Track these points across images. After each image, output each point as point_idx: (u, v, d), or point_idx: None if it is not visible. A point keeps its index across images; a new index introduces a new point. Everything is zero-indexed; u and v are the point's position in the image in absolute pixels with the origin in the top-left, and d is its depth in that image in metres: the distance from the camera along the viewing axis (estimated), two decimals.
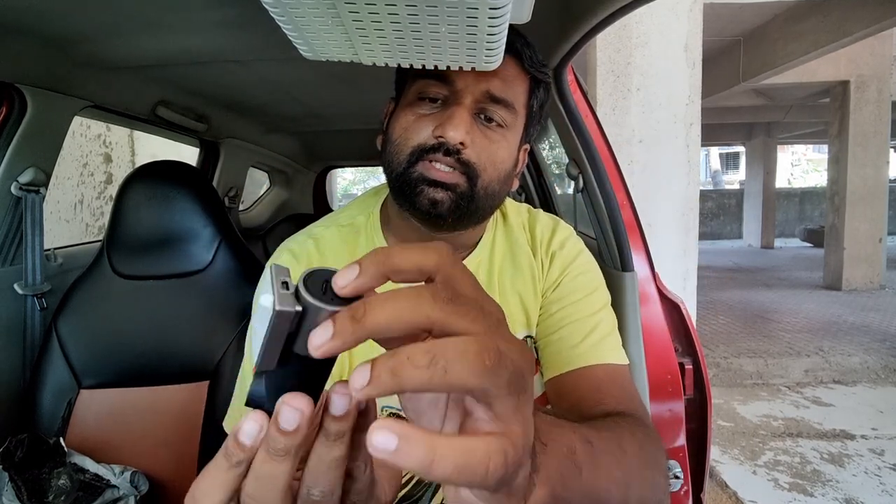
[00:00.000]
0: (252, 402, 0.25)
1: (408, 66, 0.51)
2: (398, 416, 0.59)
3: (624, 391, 0.59)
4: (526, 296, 0.66)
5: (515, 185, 0.66)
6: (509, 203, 0.73)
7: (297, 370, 0.24)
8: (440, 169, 0.55)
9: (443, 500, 0.59)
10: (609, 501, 0.34)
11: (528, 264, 0.67)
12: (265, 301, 0.23)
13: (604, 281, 0.69)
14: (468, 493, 0.25)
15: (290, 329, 0.23)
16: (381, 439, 0.20)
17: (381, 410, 0.61)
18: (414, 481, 0.60)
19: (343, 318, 0.21)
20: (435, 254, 0.24)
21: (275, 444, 0.23)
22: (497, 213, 0.71)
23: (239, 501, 0.25)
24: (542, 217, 0.72)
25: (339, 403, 0.24)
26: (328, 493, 0.25)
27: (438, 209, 0.56)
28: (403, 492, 0.60)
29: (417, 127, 0.57)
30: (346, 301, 0.23)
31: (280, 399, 0.23)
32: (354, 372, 0.21)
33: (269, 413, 0.24)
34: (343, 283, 0.23)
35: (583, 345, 0.61)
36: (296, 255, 0.64)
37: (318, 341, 0.21)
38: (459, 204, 0.56)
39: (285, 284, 0.24)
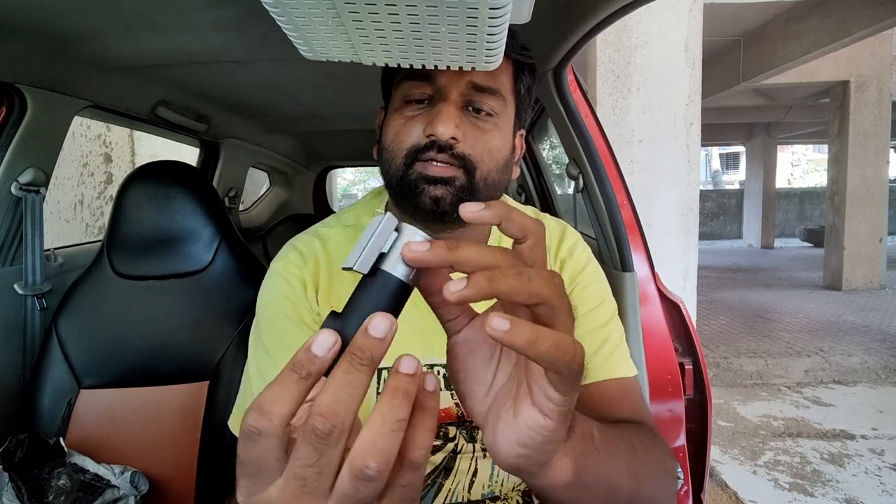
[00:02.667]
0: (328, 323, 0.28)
1: (408, 66, 0.51)
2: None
3: (634, 403, 0.60)
4: None
5: (516, 172, 0.65)
6: (513, 204, 0.73)
7: (375, 287, 0.28)
8: (437, 166, 0.55)
9: (445, 499, 0.60)
10: (621, 489, 0.38)
11: None
12: (377, 216, 0.28)
13: (610, 289, 0.69)
14: (538, 418, 0.30)
15: (385, 245, 0.28)
16: (498, 321, 0.25)
17: (433, 369, 0.62)
18: None
19: (438, 246, 0.27)
20: (499, 255, 0.28)
21: (361, 352, 0.24)
22: None
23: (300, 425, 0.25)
24: (549, 222, 0.72)
25: (407, 363, 0.25)
26: (384, 467, 0.23)
27: (441, 205, 0.56)
28: None
29: (408, 129, 0.57)
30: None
31: (372, 314, 0.26)
32: (450, 282, 0.26)
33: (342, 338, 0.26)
34: (413, 252, 0.27)
35: (595, 359, 0.61)
36: (303, 255, 0.64)
37: (416, 248, 0.27)
38: (460, 198, 0.56)
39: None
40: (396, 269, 0.28)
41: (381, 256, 0.28)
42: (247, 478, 0.25)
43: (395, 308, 0.28)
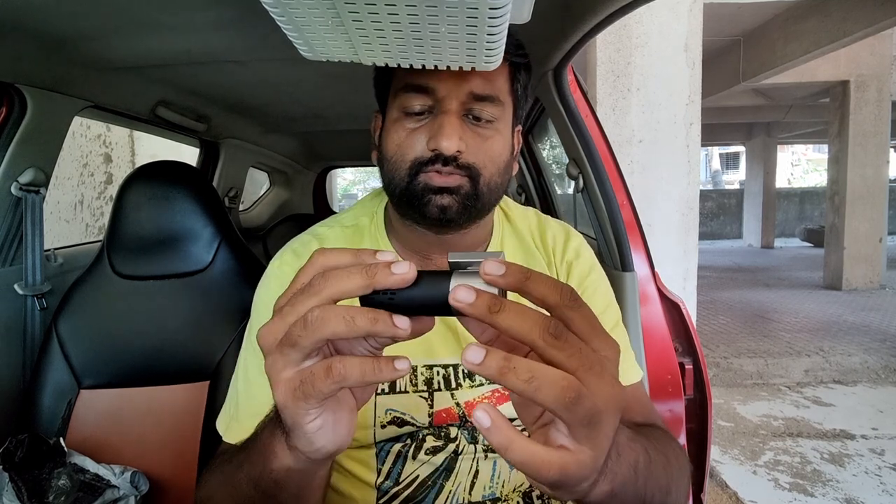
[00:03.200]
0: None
1: (408, 66, 0.51)
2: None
3: (644, 405, 0.63)
4: None
5: (515, 168, 0.65)
6: (514, 206, 0.73)
7: (438, 276, 0.31)
8: (443, 175, 0.56)
9: (445, 501, 0.60)
10: (653, 499, 0.41)
11: (542, 271, 0.67)
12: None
13: (612, 291, 0.69)
14: None
15: (475, 266, 0.30)
16: (482, 416, 0.28)
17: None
18: (417, 482, 0.60)
19: (482, 302, 0.28)
20: (558, 293, 0.29)
21: (373, 269, 0.29)
22: (501, 216, 0.71)
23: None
24: (552, 223, 0.72)
25: (403, 320, 0.29)
26: (318, 325, 0.29)
27: (448, 214, 0.56)
28: (407, 493, 0.60)
29: (410, 142, 0.57)
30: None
31: (404, 262, 0.30)
32: (470, 348, 0.27)
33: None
34: (488, 270, 0.29)
35: None
36: (297, 254, 0.64)
37: (460, 296, 0.28)
38: (466, 205, 0.57)
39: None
40: (457, 286, 0.30)
41: (465, 272, 0.31)
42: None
43: (426, 299, 0.30)
